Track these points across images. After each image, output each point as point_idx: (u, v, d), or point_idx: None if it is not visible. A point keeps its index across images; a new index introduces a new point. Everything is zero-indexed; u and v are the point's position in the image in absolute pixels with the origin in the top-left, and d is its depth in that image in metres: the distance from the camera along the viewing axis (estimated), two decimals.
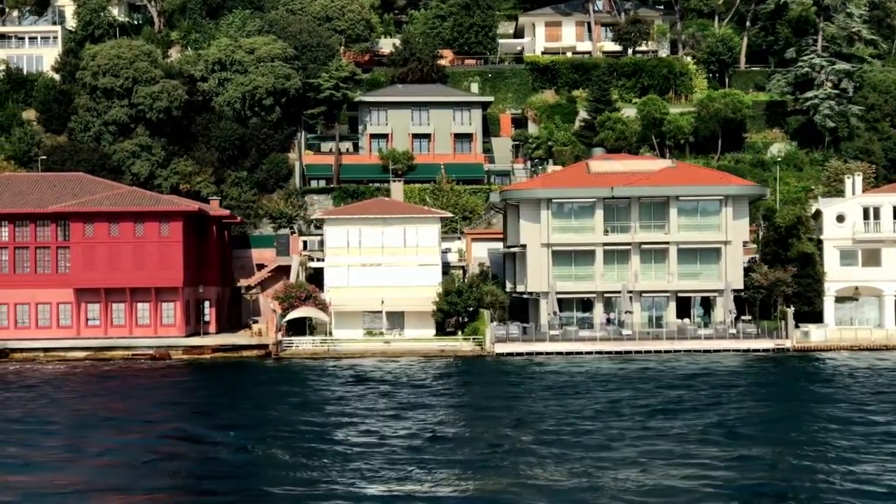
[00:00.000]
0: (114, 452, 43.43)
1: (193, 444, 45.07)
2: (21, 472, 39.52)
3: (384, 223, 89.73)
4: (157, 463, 41.01)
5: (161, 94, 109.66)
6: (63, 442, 46.00)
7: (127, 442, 45.57)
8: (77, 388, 64.91)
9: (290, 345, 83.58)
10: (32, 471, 39.64)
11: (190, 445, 44.95)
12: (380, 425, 48.42)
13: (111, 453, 43.32)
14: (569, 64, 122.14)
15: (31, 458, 42.20)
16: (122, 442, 45.60)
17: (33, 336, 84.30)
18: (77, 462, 41.63)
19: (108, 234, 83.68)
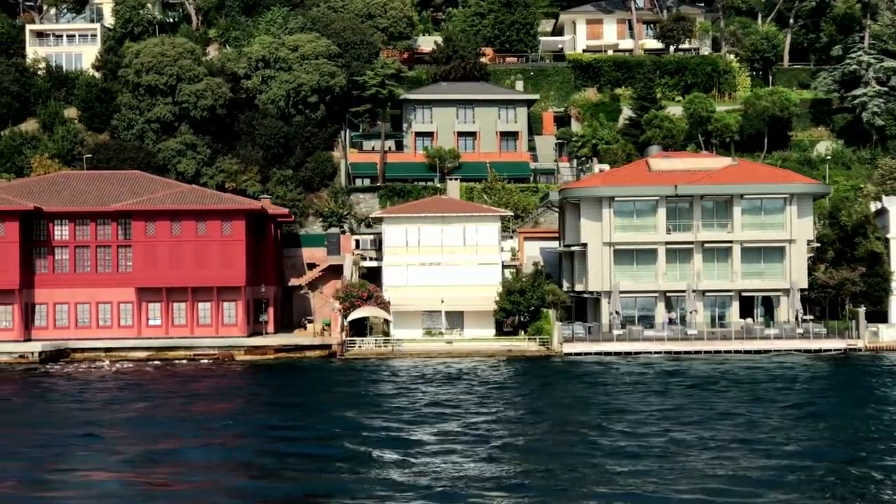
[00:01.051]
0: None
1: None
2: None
3: (443, 221, 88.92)
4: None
5: (205, 91, 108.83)
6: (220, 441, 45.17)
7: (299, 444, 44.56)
8: (166, 389, 64.00)
9: (353, 345, 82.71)
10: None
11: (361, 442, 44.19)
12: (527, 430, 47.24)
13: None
14: (611, 62, 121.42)
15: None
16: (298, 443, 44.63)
17: (94, 336, 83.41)
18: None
19: (169, 233, 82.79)
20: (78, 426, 48.96)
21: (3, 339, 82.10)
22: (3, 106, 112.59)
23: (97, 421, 50.72)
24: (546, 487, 35.86)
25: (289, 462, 41.11)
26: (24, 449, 43.83)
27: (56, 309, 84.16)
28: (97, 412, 53.92)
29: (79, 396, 60.50)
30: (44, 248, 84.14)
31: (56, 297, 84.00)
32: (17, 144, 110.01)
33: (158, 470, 39.51)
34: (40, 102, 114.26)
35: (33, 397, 60.41)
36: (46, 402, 57.75)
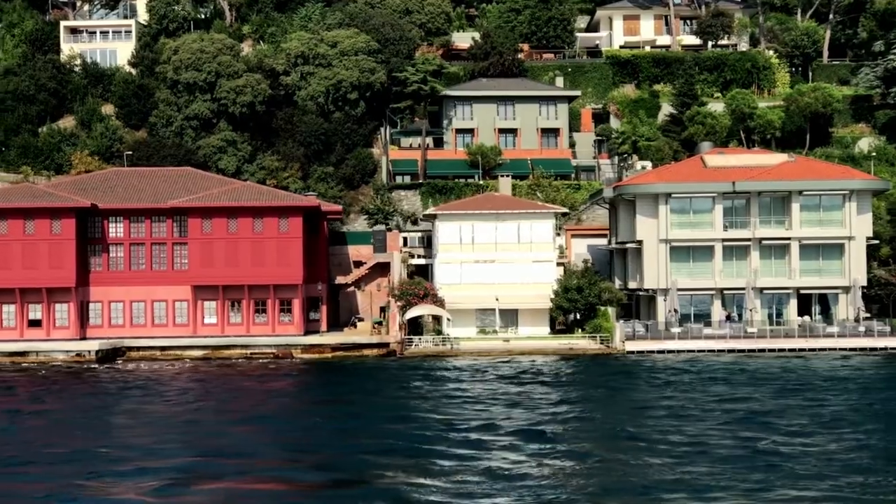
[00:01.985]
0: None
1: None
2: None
3: (497, 219, 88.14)
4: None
5: (245, 88, 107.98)
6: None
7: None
8: (238, 388, 63.23)
9: (411, 343, 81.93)
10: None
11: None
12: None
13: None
14: (650, 58, 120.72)
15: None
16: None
17: (149, 334, 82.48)
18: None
19: (226, 230, 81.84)
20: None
21: (59, 337, 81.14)
22: (41, 103, 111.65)
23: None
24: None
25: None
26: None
27: (111, 307, 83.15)
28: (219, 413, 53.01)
29: (188, 395, 59.82)
30: (98, 246, 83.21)
31: (111, 296, 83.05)
32: (55, 142, 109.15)
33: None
34: (78, 99, 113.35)
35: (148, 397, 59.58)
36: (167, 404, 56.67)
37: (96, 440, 45.02)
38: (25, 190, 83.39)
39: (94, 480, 37.54)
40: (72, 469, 39.37)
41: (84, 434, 46.86)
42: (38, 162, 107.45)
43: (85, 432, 47.33)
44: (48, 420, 51.57)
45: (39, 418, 52.22)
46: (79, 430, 47.98)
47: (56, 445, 43.96)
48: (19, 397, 60.44)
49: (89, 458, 41.31)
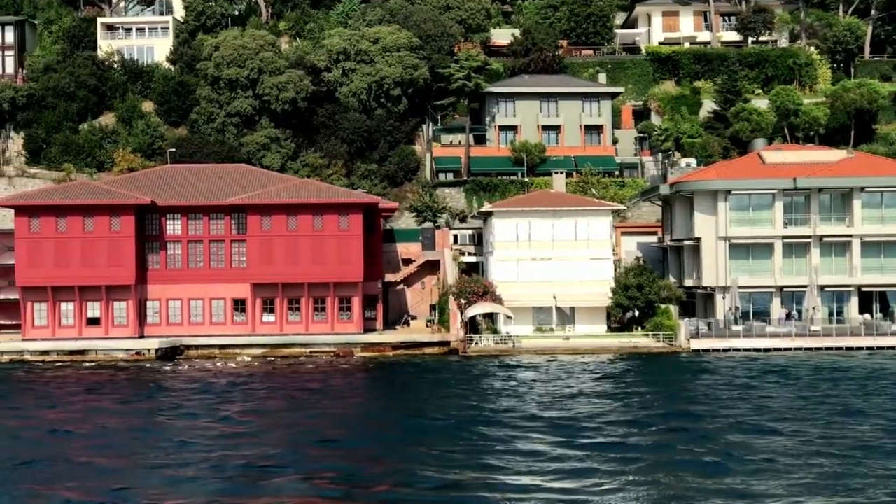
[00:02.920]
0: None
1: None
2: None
3: (554, 216, 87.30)
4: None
5: (287, 84, 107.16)
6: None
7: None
8: (315, 387, 62.42)
9: (471, 342, 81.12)
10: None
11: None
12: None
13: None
14: (691, 54, 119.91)
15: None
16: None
17: (207, 332, 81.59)
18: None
19: (286, 227, 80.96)
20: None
21: (118, 335, 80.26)
22: (81, 100, 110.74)
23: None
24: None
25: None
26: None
27: (169, 305, 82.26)
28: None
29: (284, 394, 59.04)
30: (156, 243, 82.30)
31: (169, 293, 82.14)
32: (97, 139, 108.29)
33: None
34: (118, 96, 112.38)
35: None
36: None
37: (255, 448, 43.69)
38: (84, 187, 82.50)
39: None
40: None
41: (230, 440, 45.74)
42: (80, 159, 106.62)
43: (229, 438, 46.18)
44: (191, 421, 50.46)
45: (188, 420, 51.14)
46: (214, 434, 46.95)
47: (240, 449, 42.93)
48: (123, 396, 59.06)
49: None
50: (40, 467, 39.88)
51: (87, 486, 36.47)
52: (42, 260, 79.28)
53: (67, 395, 59.59)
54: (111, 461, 40.82)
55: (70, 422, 49.85)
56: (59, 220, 79.34)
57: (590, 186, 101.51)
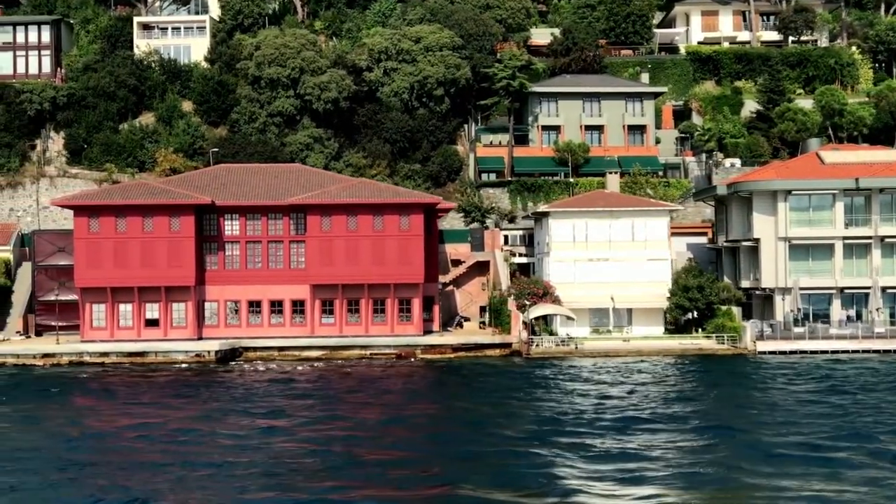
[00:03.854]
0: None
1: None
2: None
3: (611, 216, 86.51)
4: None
5: (329, 84, 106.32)
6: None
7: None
8: (396, 387, 61.59)
9: (534, 343, 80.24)
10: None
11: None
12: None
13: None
14: (731, 54, 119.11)
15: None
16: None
17: (266, 334, 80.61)
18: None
19: (346, 228, 80.00)
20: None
21: (177, 337, 79.27)
22: (121, 100, 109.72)
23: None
24: None
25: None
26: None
27: (227, 306, 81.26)
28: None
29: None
30: (214, 244, 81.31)
31: (227, 294, 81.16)
32: (137, 139, 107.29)
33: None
34: (157, 96, 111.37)
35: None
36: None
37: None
38: (142, 187, 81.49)
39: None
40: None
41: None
42: (121, 159, 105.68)
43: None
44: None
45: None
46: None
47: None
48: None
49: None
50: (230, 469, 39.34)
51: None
52: (101, 261, 78.32)
53: (161, 397, 58.76)
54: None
55: (187, 421, 49.28)
56: (118, 220, 78.36)
57: (639, 187, 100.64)
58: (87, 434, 47.18)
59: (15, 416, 53.23)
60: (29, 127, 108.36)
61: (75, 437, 46.38)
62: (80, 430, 48.34)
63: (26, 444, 44.69)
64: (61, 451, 43.19)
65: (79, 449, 43.82)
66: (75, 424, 49.97)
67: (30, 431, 48.56)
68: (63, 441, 45.44)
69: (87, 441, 45.61)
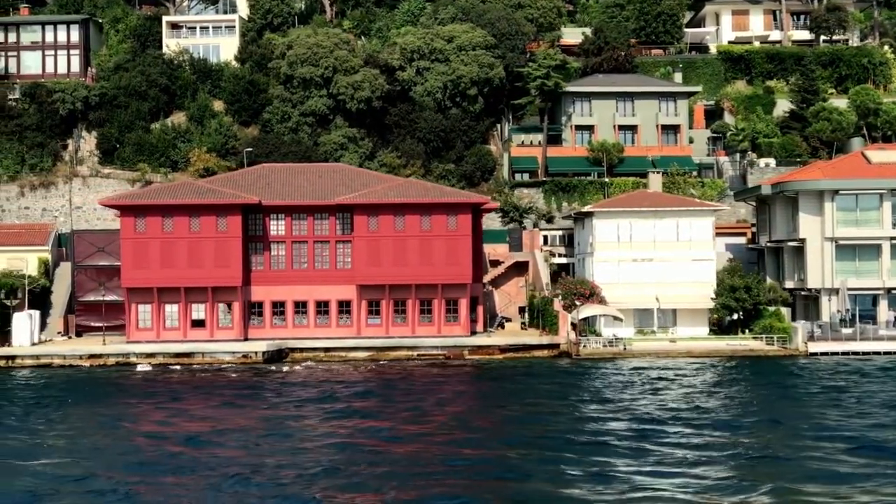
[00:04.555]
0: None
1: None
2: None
3: (656, 216, 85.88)
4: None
5: (363, 83, 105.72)
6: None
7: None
8: (458, 389, 60.99)
9: (583, 344, 79.59)
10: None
11: None
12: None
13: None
14: (763, 53, 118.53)
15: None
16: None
17: (312, 335, 79.91)
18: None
19: (393, 228, 79.33)
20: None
21: (223, 338, 78.57)
22: (152, 99, 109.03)
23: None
24: None
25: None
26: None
27: (273, 307, 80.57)
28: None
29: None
30: (259, 244, 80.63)
31: (273, 295, 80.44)
32: (169, 138, 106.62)
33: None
34: (188, 95, 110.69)
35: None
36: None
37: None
38: (189, 186, 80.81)
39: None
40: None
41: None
42: (153, 159, 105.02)
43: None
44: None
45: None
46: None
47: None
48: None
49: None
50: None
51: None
52: (148, 261, 77.61)
53: (232, 398, 58.22)
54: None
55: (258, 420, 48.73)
56: (164, 220, 77.64)
57: (677, 187, 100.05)
58: (194, 437, 46.18)
59: (102, 418, 52.21)
60: (61, 127, 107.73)
61: (172, 439, 45.60)
62: (176, 431, 47.61)
63: (152, 449, 43.75)
64: (205, 457, 42.11)
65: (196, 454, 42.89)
66: (166, 425, 49.27)
67: (130, 435, 47.60)
68: (177, 444, 44.58)
69: (198, 443, 44.78)
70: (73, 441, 45.98)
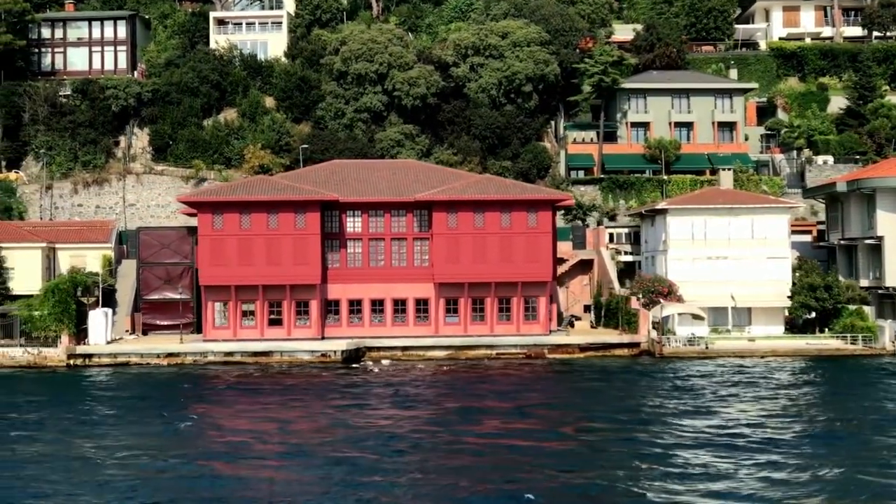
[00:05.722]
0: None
1: None
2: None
3: (731, 213, 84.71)
4: None
5: (418, 79, 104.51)
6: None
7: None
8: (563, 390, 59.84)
9: (662, 343, 78.40)
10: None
11: None
12: None
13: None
14: (816, 50, 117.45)
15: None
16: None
17: (389, 334, 78.62)
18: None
19: (472, 225, 78.04)
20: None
21: (300, 336, 77.24)
22: (204, 95, 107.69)
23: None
24: None
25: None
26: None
27: (349, 305, 79.25)
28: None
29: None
30: (336, 241, 79.29)
31: (349, 293, 79.09)
32: (223, 135, 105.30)
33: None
34: (239, 92, 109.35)
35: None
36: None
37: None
38: (265, 183, 79.44)
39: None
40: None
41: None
42: (207, 156, 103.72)
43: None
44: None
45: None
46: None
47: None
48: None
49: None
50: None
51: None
52: (226, 258, 76.23)
53: (337, 399, 57.12)
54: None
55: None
56: (242, 216, 76.26)
57: (740, 184, 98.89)
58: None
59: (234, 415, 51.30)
60: (113, 123, 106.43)
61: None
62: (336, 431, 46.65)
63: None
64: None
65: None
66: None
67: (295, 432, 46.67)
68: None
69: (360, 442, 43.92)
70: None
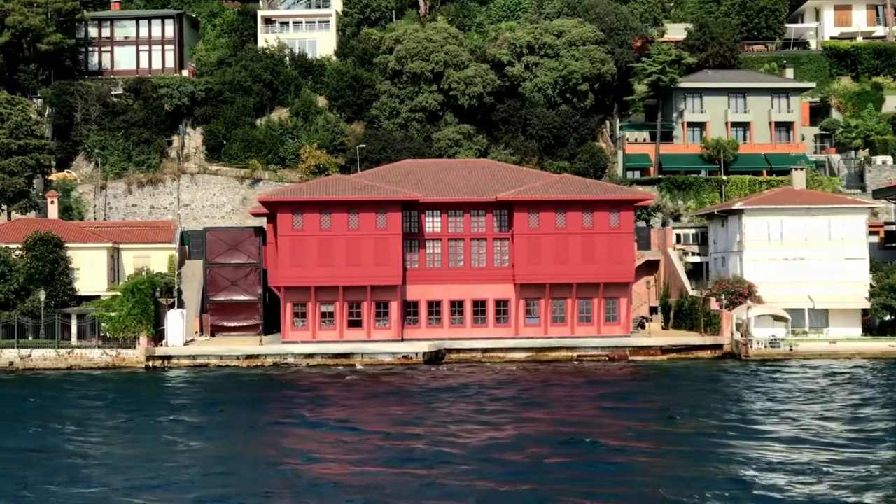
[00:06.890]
0: None
1: None
2: None
3: (807, 214, 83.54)
4: None
5: (474, 78, 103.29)
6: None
7: None
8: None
9: (747, 345, 77.17)
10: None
11: None
12: None
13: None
14: (870, 49, 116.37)
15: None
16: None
17: (468, 335, 77.29)
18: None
19: (554, 225, 76.74)
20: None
21: (381, 338, 75.90)
22: (256, 94, 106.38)
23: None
24: None
25: None
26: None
27: (428, 306, 77.91)
28: None
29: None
30: (415, 242, 77.96)
31: (429, 294, 77.72)
32: (277, 134, 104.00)
33: None
34: (291, 91, 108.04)
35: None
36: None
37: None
38: (344, 182, 78.10)
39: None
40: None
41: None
42: (261, 155, 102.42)
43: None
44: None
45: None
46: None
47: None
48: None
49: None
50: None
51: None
52: (305, 259, 74.86)
53: (447, 402, 55.86)
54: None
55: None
56: (322, 216, 74.91)
57: (809, 185, 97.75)
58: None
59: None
60: (166, 123, 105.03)
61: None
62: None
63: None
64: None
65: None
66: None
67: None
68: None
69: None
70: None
